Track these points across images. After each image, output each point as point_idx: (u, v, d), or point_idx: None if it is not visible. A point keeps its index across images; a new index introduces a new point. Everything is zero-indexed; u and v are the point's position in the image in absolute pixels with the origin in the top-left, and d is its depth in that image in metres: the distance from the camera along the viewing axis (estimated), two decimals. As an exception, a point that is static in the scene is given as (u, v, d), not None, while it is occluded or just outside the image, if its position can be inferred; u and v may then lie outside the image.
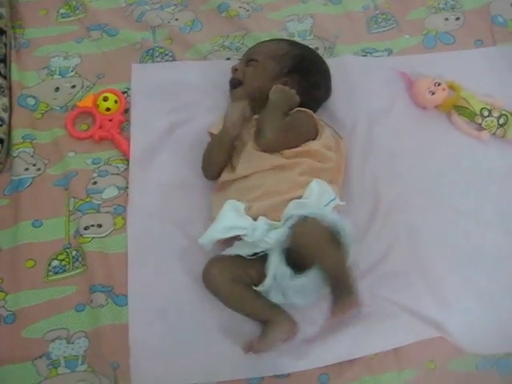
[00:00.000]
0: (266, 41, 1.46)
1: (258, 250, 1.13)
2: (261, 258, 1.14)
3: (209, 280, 1.17)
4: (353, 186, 1.33)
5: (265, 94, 1.29)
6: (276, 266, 1.13)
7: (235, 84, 1.38)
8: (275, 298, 1.15)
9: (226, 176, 1.27)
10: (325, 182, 1.18)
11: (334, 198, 1.15)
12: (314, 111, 1.34)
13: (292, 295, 1.14)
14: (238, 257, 1.15)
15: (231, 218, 1.13)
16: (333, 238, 1.10)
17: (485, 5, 1.66)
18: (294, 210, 1.12)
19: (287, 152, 1.24)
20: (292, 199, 1.15)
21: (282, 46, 1.39)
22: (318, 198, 1.14)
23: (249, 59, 1.38)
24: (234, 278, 1.15)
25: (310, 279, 1.11)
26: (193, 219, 1.29)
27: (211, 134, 1.34)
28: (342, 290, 1.08)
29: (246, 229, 1.12)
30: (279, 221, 1.14)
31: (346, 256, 1.11)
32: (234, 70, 1.39)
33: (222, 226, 1.13)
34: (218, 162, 1.29)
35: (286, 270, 1.12)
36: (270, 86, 1.30)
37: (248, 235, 1.11)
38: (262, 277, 1.14)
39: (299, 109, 1.30)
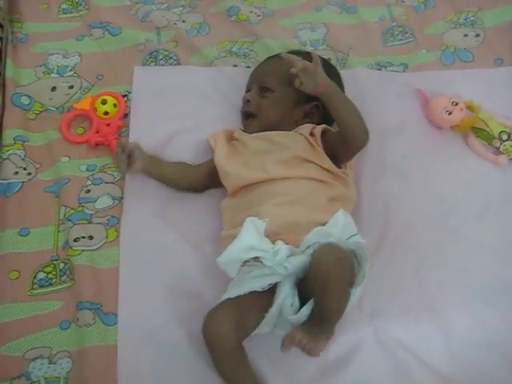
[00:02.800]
0: (275, 59, 1.36)
1: (273, 280, 1.07)
2: (268, 290, 1.08)
3: (210, 334, 1.08)
4: (362, 209, 1.28)
5: (281, 121, 1.27)
6: (285, 296, 1.07)
7: (248, 116, 1.32)
8: (264, 328, 1.10)
9: (250, 178, 1.19)
10: (349, 215, 1.14)
11: (356, 234, 1.11)
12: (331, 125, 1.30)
13: (286, 327, 1.09)
14: (244, 297, 1.07)
15: (253, 238, 1.07)
16: (351, 272, 1.06)
17: (506, 22, 1.62)
18: (316, 237, 1.08)
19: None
20: (315, 223, 1.10)
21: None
22: (342, 230, 1.10)
23: (261, 87, 1.31)
24: (239, 338, 1.08)
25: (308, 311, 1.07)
26: (191, 234, 1.26)
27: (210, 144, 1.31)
28: (322, 327, 1.04)
29: (267, 252, 1.06)
30: (297, 245, 1.09)
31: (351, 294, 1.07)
32: (247, 101, 1.31)
33: (242, 245, 1.06)
34: (175, 181, 1.29)
35: (296, 302, 1.07)
36: (288, 115, 1.27)
37: (268, 258, 1.06)
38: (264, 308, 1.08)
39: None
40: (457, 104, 1.38)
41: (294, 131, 1.25)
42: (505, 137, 1.37)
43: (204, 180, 1.29)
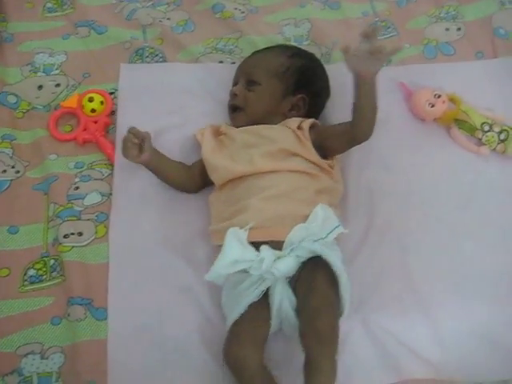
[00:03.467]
0: (261, 53, 1.38)
1: (265, 286, 1.07)
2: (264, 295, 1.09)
3: (235, 364, 1.05)
4: (347, 201, 1.29)
5: (268, 113, 1.27)
6: (281, 298, 1.08)
7: (235, 109, 1.32)
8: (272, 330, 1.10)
9: (237, 171, 1.19)
10: (329, 208, 1.13)
11: (338, 226, 1.11)
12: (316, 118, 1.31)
13: (290, 323, 1.09)
14: (246, 313, 1.07)
15: (236, 251, 1.06)
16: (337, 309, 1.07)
17: (487, 16, 1.63)
18: (298, 236, 1.08)
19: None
20: (302, 216, 1.11)
21: (282, 60, 1.32)
22: (322, 225, 1.10)
23: (248, 81, 1.31)
24: (261, 355, 1.06)
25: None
26: (179, 230, 1.26)
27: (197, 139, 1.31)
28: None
29: (253, 261, 1.06)
30: (281, 240, 1.09)
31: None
32: (234, 94, 1.32)
33: (227, 261, 1.06)
34: (174, 179, 1.28)
35: (292, 299, 1.08)
36: (275, 107, 1.28)
37: (254, 268, 1.06)
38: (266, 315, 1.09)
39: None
40: (439, 97, 1.39)
41: (281, 124, 1.26)
42: (486, 128, 1.38)
43: (198, 179, 1.28)
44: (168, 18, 1.58)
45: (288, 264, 1.06)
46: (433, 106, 1.38)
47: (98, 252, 1.22)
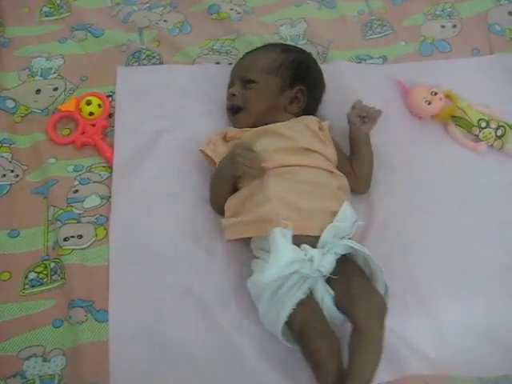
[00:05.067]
0: (253, 53, 1.39)
1: (310, 284, 1.09)
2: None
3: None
4: (346, 199, 1.28)
5: (269, 110, 1.28)
6: (322, 291, 1.10)
7: (236, 110, 1.32)
8: None
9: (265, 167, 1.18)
10: (350, 204, 1.16)
11: (357, 220, 1.14)
12: (315, 113, 1.33)
13: (334, 316, 1.10)
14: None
15: (290, 252, 1.05)
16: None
17: (482, 13, 1.63)
18: (331, 235, 1.10)
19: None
20: (328, 211, 1.13)
21: (275, 57, 1.33)
22: (351, 222, 1.13)
23: (244, 80, 1.32)
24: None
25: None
26: (179, 232, 1.25)
27: (204, 154, 1.29)
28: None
29: (304, 261, 1.06)
30: (312, 235, 1.11)
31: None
32: (232, 95, 1.32)
33: (285, 261, 1.04)
34: (223, 194, 1.23)
35: (331, 293, 1.10)
36: (275, 102, 1.29)
37: (306, 267, 1.06)
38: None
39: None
40: (436, 94, 1.39)
41: (298, 121, 1.27)
42: (483, 124, 1.38)
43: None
44: (164, 20, 1.58)
45: (331, 261, 1.08)
46: (429, 103, 1.39)
47: (98, 254, 1.21)
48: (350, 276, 1.10)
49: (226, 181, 1.22)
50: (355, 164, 1.29)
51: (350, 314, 1.07)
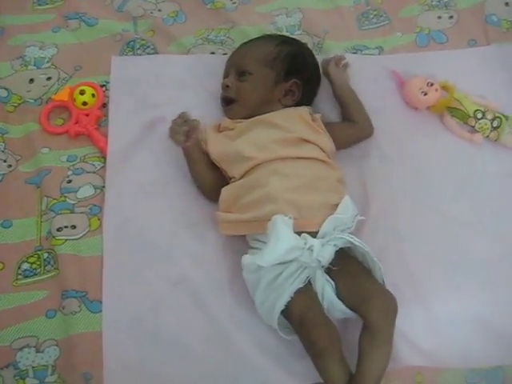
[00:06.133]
0: (249, 44, 1.38)
1: (309, 273, 1.09)
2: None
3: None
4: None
5: (263, 102, 1.28)
6: (322, 281, 1.10)
7: (229, 102, 1.31)
8: None
9: (258, 158, 1.18)
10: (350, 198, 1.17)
11: (357, 214, 1.15)
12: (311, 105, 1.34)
13: (335, 308, 1.11)
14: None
15: (291, 238, 1.05)
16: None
17: (478, 3, 1.62)
18: (331, 225, 1.10)
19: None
20: (328, 204, 1.14)
21: (270, 48, 1.32)
22: (352, 215, 1.14)
23: (239, 72, 1.31)
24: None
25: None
26: (174, 222, 1.25)
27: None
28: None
29: (303, 249, 1.06)
30: (312, 226, 1.11)
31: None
32: (226, 86, 1.31)
33: (285, 247, 1.04)
34: (202, 179, 1.25)
35: (331, 283, 1.10)
36: (270, 95, 1.29)
37: (305, 255, 1.07)
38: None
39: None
40: (432, 85, 1.39)
41: (290, 111, 1.26)
42: (479, 115, 1.38)
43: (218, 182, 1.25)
44: (159, 10, 1.57)
45: (330, 252, 1.08)
46: (426, 94, 1.38)
47: (91, 245, 1.21)
48: (355, 274, 1.11)
49: (193, 162, 1.25)
50: (351, 114, 1.34)
51: (363, 312, 1.07)
